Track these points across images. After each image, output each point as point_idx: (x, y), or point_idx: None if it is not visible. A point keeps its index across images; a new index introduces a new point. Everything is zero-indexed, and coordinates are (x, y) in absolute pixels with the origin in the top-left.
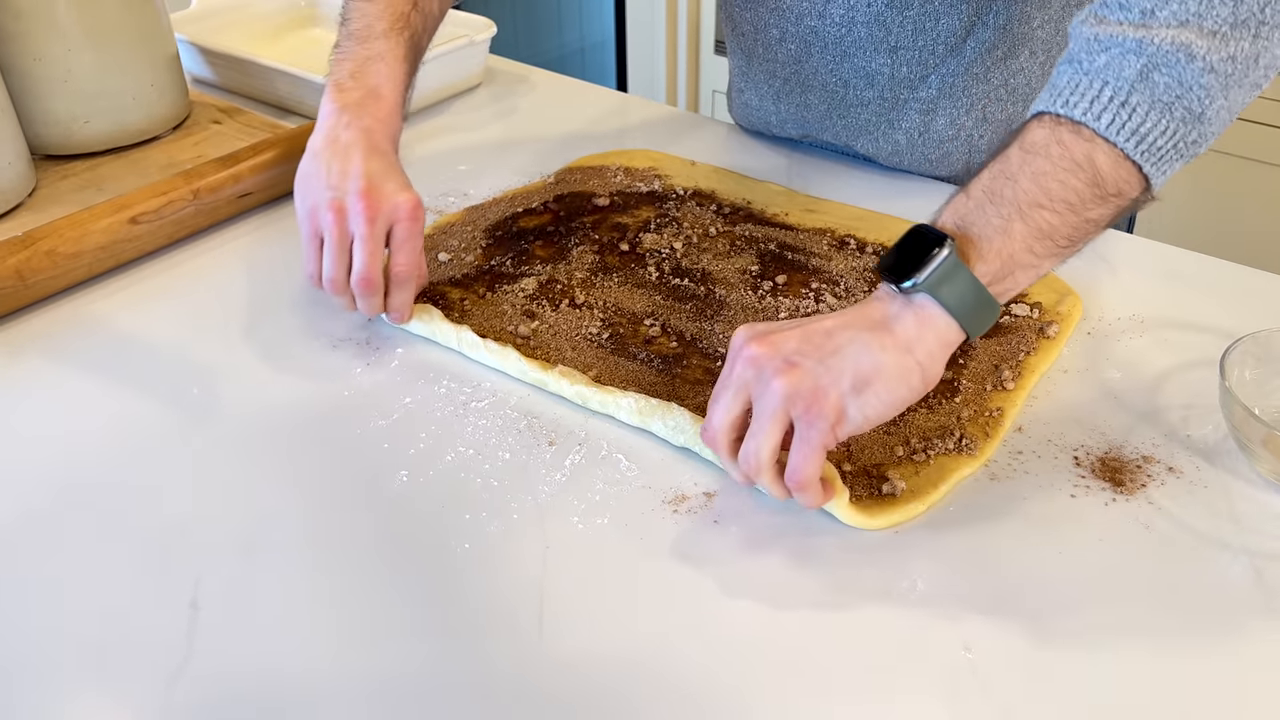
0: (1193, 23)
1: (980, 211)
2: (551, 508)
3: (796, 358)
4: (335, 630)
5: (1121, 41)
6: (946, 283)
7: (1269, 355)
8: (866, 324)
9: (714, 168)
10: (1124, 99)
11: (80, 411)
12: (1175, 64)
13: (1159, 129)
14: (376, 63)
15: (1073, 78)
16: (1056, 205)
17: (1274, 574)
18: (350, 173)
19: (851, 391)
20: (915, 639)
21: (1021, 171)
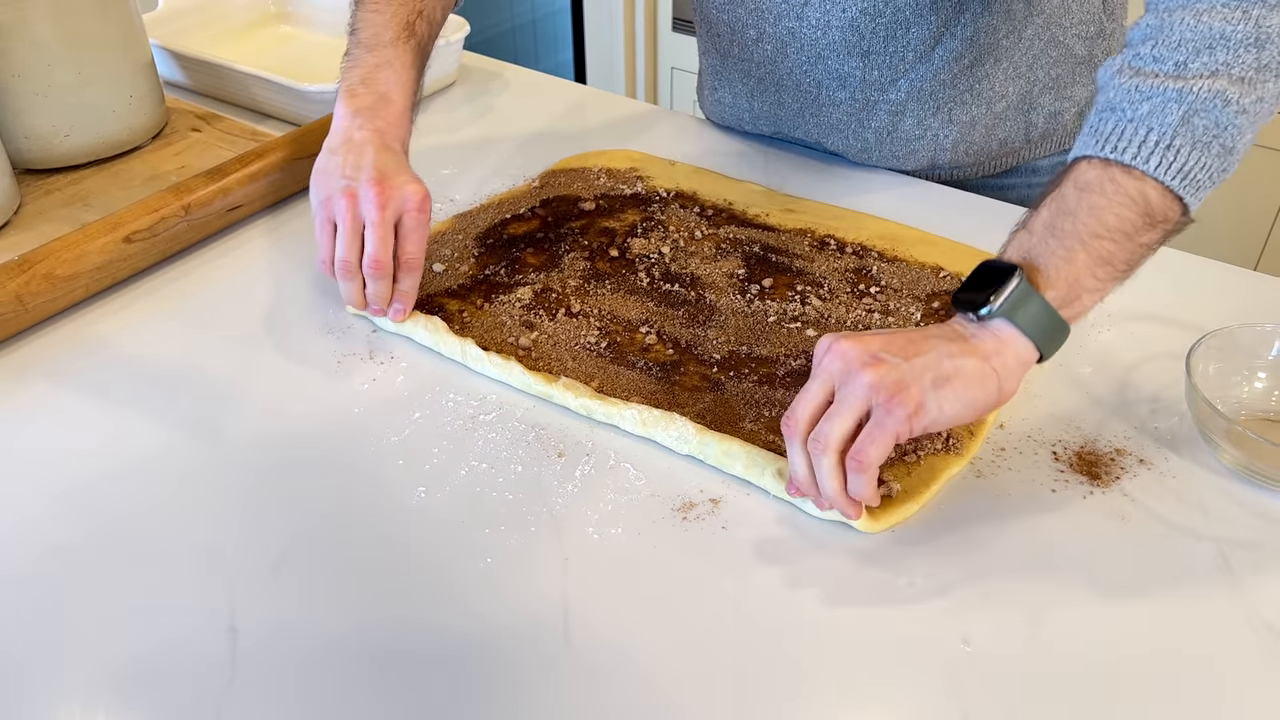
0: (1223, 72)
1: (1044, 244)
2: (566, 519)
3: (883, 354)
4: (370, 648)
5: (1162, 92)
6: (1020, 307)
7: (1231, 350)
8: (949, 335)
9: (693, 168)
10: (1168, 143)
11: (93, 437)
12: (1213, 109)
13: (1199, 165)
14: (385, 69)
15: (1118, 125)
16: (1114, 235)
17: (1239, 559)
18: (363, 165)
19: (932, 386)
20: (917, 635)
21: (1080, 207)
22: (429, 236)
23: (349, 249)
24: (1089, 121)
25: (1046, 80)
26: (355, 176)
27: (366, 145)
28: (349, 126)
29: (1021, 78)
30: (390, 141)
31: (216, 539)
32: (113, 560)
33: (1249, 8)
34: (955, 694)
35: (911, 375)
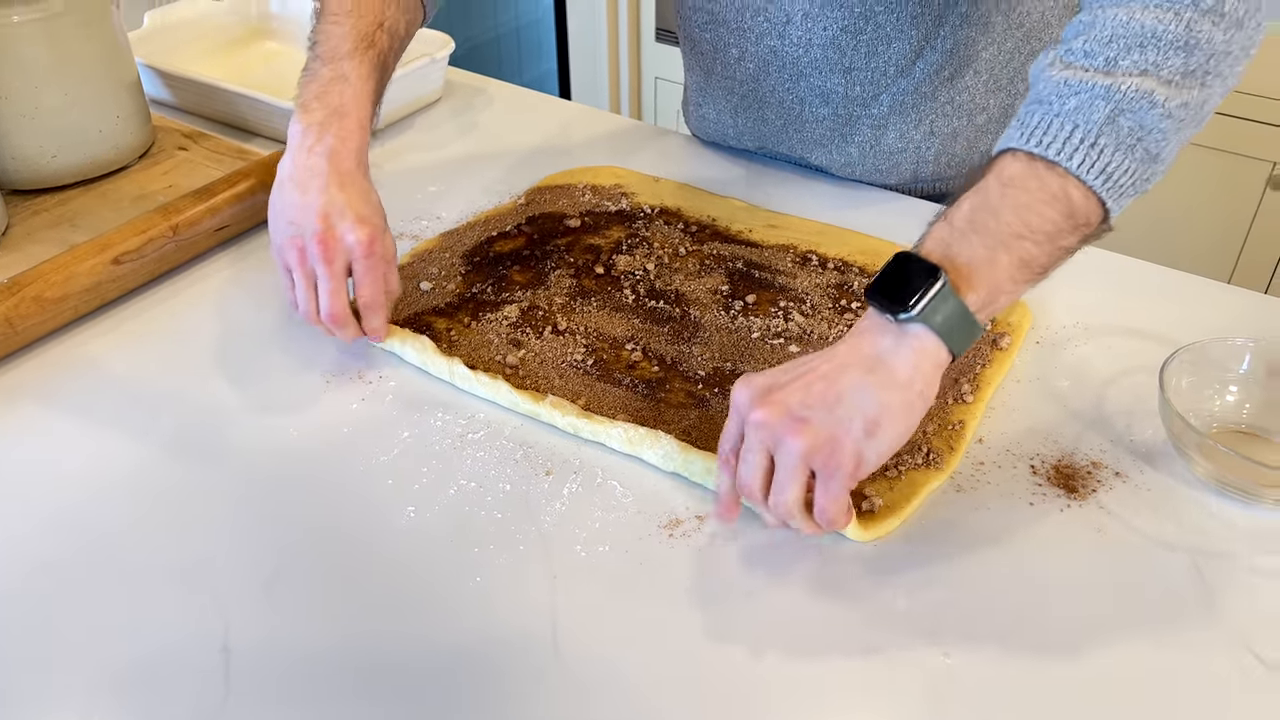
0: (1151, 72)
1: (965, 241)
2: (555, 537)
3: (805, 413)
4: (362, 665)
5: (1090, 87)
6: (939, 312)
7: (1203, 364)
8: (863, 364)
9: (677, 184)
10: (1093, 140)
11: (82, 457)
12: (1139, 110)
13: (1122, 168)
14: (340, 83)
15: (1044, 118)
16: (1036, 235)
17: (1212, 570)
18: (310, 208)
19: (864, 436)
20: (899, 647)
21: (1003, 204)
22: (419, 255)
23: (306, 301)
24: (1017, 115)
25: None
26: (301, 223)
27: (314, 177)
28: (300, 146)
29: (1002, 90)
30: (343, 161)
31: (207, 558)
32: (103, 578)
33: (1181, 10)
34: (936, 705)
35: (841, 429)
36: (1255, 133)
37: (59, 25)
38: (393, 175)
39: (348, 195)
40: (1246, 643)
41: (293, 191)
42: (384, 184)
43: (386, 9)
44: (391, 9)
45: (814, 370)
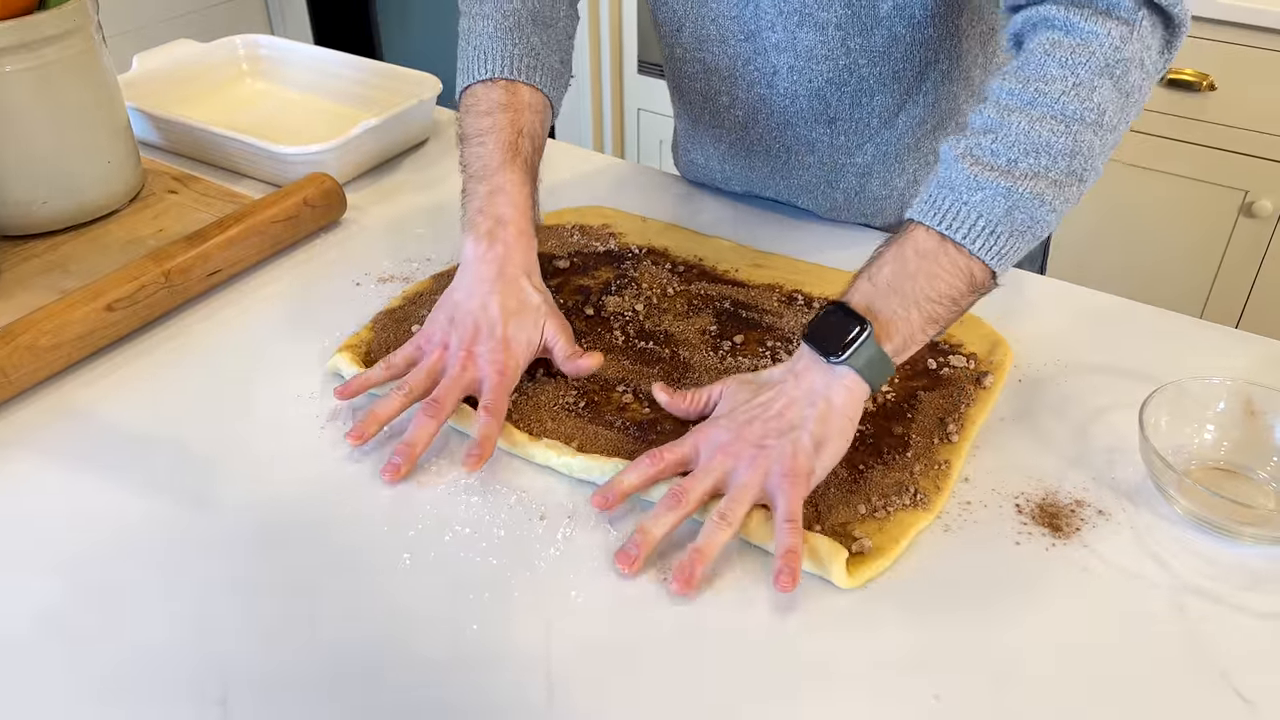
0: (1043, 175)
1: (886, 299)
2: (549, 582)
3: (765, 441)
4: (359, 715)
5: (994, 185)
6: (863, 358)
7: (1181, 402)
8: (806, 398)
9: (665, 224)
10: (993, 229)
11: (75, 506)
12: (1031, 207)
13: (1012, 249)
14: (498, 194)
15: (954, 205)
16: (944, 300)
17: (1194, 607)
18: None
19: (814, 453)
20: (890, 690)
21: (918, 272)
22: (409, 297)
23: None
24: (929, 189)
25: None
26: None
27: (481, 281)
28: (473, 258)
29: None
30: (508, 269)
31: (202, 609)
32: (96, 630)
33: (1071, 124)
34: None
35: (797, 449)
36: (1228, 162)
37: (51, 73)
38: (381, 217)
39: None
40: (1228, 679)
41: (463, 294)
42: (372, 226)
43: (521, 116)
44: (525, 115)
45: (766, 411)
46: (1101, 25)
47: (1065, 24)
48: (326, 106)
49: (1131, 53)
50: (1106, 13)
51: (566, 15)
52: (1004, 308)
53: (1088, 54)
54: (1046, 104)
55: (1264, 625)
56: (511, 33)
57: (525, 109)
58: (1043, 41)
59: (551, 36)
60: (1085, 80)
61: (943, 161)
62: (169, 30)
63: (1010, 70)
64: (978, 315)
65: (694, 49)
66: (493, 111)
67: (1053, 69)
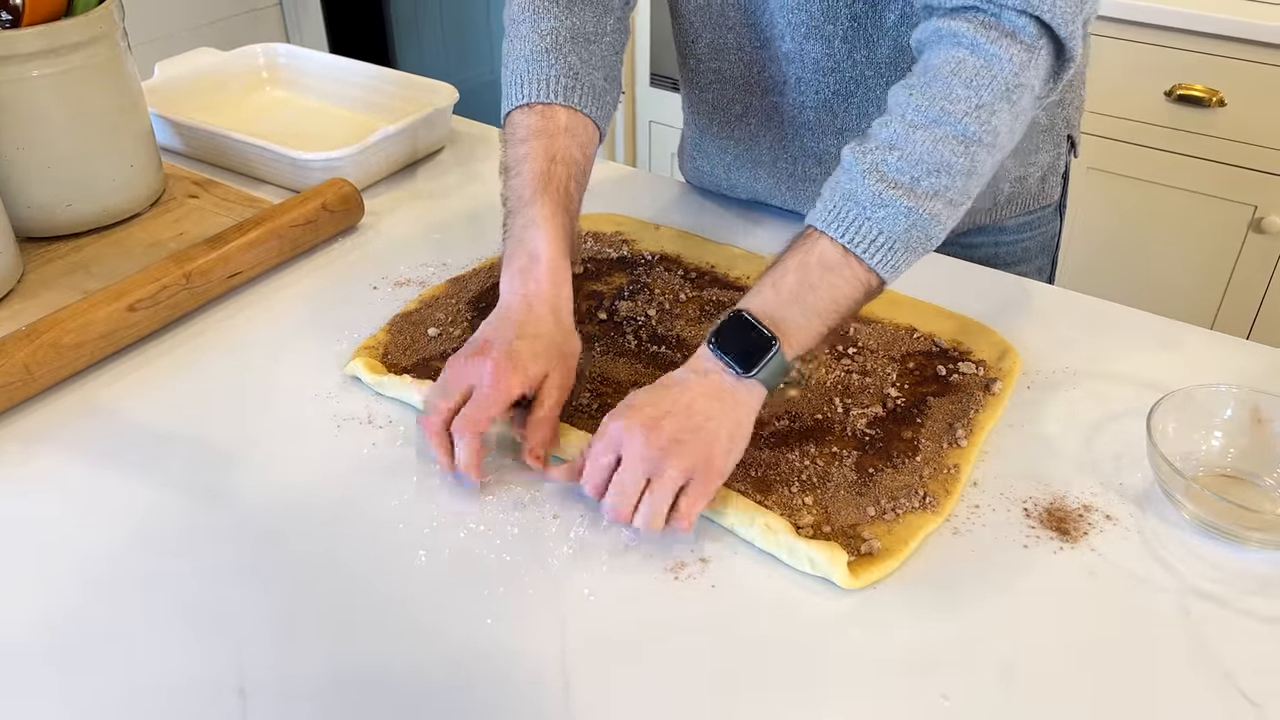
0: (942, 194)
1: (789, 309)
2: (563, 580)
3: (681, 435)
4: (377, 710)
5: (896, 204)
6: (769, 369)
7: (1189, 409)
8: (716, 396)
9: (676, 231)
10: (892, 245)
11: (97, 502)
12: (928, 225)
13: (905, 262)
14: (530, 229)
15: (857, 218)
16: (841, 308)
17: (1200, 611)
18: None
19: (725, 452)
20: (899, 691)
21: (821, 283)
22: (425, 301)
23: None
24: (829, 198)
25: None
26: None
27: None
28: (504, 296)
29: None
30: (535, 306)
31: (222, 604)
32: (118, 624)
33: (970, 145)
34: None
35: (711, 452)
36: (1238, 178)
37: (76, 78)
38: (398, 223)
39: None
40: (1234, 682)
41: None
42: (389, 231)
43: (555, 142)
44: (561, 139)
45: (678, 402)
46: (1005, 49)
47: (972, 43)
48: (344, 114)
49: (1028, 79)
50: (1012, 36)
51: (614, 30)
52: (1014, 316)
53: (990, 76)
54: (950, 123)
55: (1269, 629)
56: (549, 54)
57: (560, 133)
58: (949, 59)
59: (595, 53)
60: (987, 103)
61: (846, 171)
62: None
63: (915, 84)
64: (987, 324)
65: (709, 58)
66: (527, 139)
67: (958, 89)
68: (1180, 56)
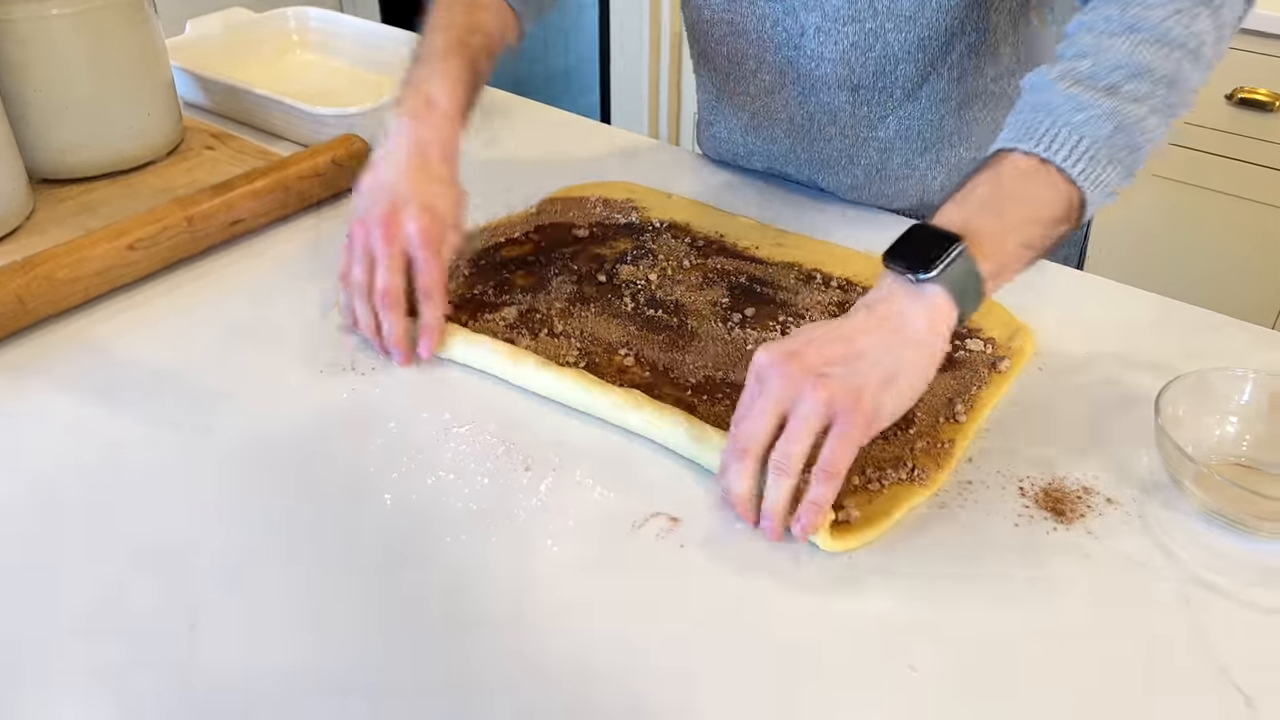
0: (1144, 100)
1: (982, 217)
2: (528, 531)
3: (826, 369)
4: (326, 643)
5: (1098, 105)
6: (956, 273)
7: (1202, 393)
8: (885, 326)
9: (689, 200)
10: (1094, 153)
11: (76, 432)
12: (1135, 131)
13: (1111, 176)
14: (433, 78)
15: (1052, 128)
16: (1042, 222)
17: (1200, 601)
18: (382, 191)
19: (881, 389)
20: (865, 659)
21: (1017, 191)
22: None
23: (364, 273)
24: (1019, 116)
25: None
26: (373, 206)
27: (395, 162)
28: (390, 135)
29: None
30: (428, 149)
31: (182, 536)
32: (75, 550)
33: (1174, 49)
34: (896, 717)
35: (860, 381)
36: None
37: (96, 19)
38: None
39: (420, 183)
40: (1230, 677)
41: (374, 176)
42: None
43: (476, 14)
44: (483, 14)
45: (832, 332)
46: None
47: None
48: (372, 78)
49: None
50: None
51: None
52: (1036, 298)
53: None
54: (1148, 28)
55: (1271, 622)
56: None
57: (483, 9)
58: None
59: None
60: (1187, 7)
61: (1032, 89)
62: None
63: (1098, 3)
64: (1001, 302)
65: (723, 10)
66: (452, 8)
67: None
68: (1242, 59)
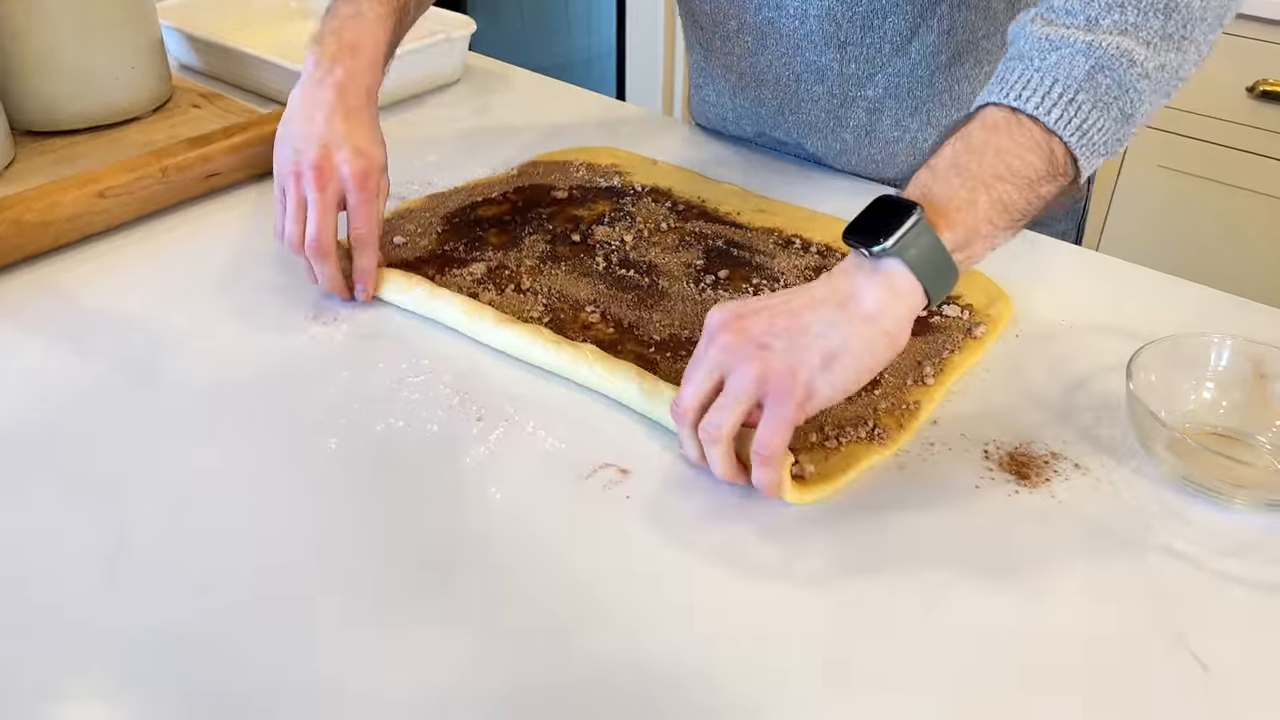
0: (1131, 32)
1: (946, 182)
2: (471, 478)
3: (767, 339)
4: (262, 579)
5: (1072, 43)
6: (914, 247)
7: (1177, 359)
8: (834, 299)
9: (675, 166)
10: (1071, 96)
11: (30, 370)
12: (1118, 68)
13: (1097, 126)
14: (357, 19)
15: (1024, 74)
16: (1017, 179)
17: (1164, 568)
18: (310, 137)
19: (820, 369)
20: (807, 614)
21: (986, 147)
22: (400, 213)
23: (293, 225)
24: (998, 71)
25: None
26: (302, 152)
27: (319, 108)
28: (310, 77)
29: None
30: (350, 95)
31: (119, 472)
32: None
33: None
34: (834, 671)
35: (799, 360)
36: None
37: None
38: (396, 142)
39: (349, 127)
40: (1189, 645)
41: (297, 121)
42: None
43: None
44: None
45: (785, 302)
46: None
47: None
48: None
49: None
50: None
51: None
52: (1023, 270)
53: None
54: None
55: (1234, 592)
56: None
57: None
58: None
59: None
60: None
61: (1013, 39)
62: None
63: None
64: (984, 271)
65: None
66: None
67: None
68: (1264, 49)
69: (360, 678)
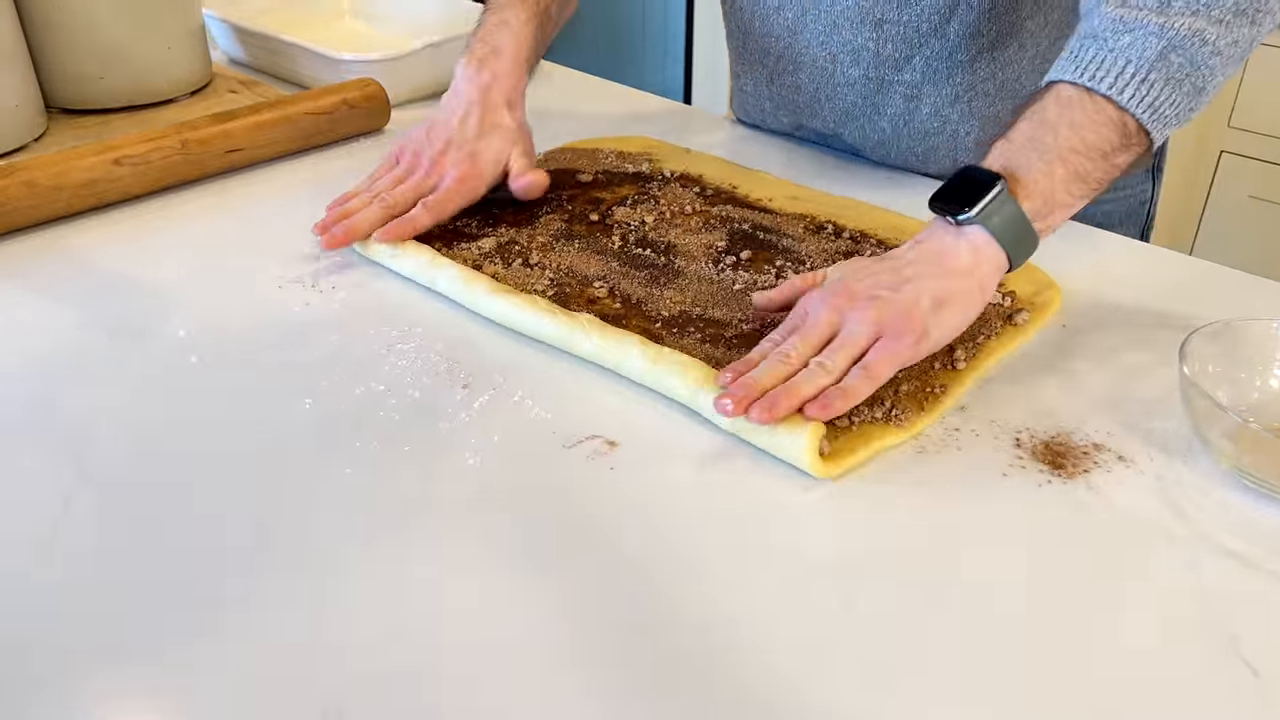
0: (1203, 12)
1: (1024, 154)
2: (448, 443)
3: (876, 291)
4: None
5: (1144, 25)
6: (997, 215)
7: (1236, 346)
8: (926, 258)
9: (710, 156)
10: (1144, 76)
11: (27, 330)
12: (1190, 47)
13: (1169, 101)
14: (502, 27)
15: (1097, 54)
16: (1091, 152)
17: (1213, 568)
18: (443, 133)
19: (931, 310)
20: (800, 594)
21: (1060, 121)
22: None
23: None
24: (1069, 47)
25: None
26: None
27: (461, 104)
28: (460, 78)
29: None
30: (491, 96)
31: (88, 424)
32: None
33: None
34: (826, 654)
35: (913, 302)
36: None
37: None
38: None
39: (480, 131)
40: (1239, 649)
41: (444, 112)
42: None
43: None
44: None
45: (878, 264)
46: None
47: None
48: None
49: None
50: None
51: None
52: (1076, 260)
53: None
54: None
55: None
56: None
57: None
58: None
59: None
60: None
61: (1084, 15)
62: None
63: None
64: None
65: None
66: None
67: None
68: None
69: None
